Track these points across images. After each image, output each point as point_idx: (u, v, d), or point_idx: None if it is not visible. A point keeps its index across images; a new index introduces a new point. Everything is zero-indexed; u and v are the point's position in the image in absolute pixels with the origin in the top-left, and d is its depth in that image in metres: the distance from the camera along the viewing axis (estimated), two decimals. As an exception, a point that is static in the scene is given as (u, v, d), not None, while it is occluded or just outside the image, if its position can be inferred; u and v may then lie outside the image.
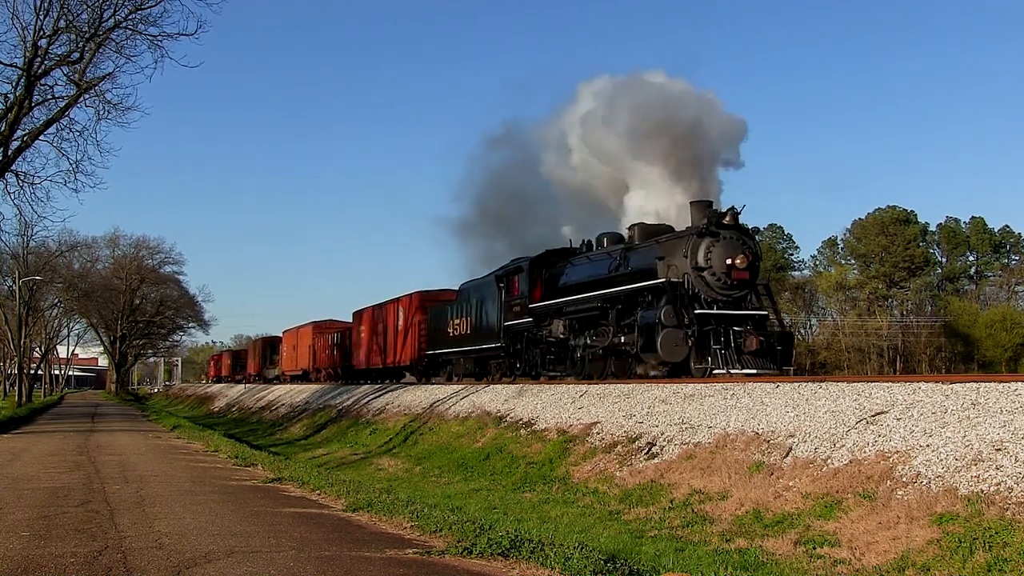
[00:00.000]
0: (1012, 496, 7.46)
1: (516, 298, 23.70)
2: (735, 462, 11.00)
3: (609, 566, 6.46)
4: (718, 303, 17.29)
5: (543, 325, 22.39)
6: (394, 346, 34.99)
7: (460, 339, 27.61)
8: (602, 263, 20.33)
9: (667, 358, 16.64)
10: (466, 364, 27.70)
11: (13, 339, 49.85)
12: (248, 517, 9.20)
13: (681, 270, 17.30)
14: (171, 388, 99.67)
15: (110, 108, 23.77)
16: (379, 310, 37.52)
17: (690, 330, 16.63)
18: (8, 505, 9.97)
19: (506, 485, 14.18)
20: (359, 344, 40.38)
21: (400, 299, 34.87)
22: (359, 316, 40.72)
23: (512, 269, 24.30)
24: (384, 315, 36.53)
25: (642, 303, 18.21)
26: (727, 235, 17.51)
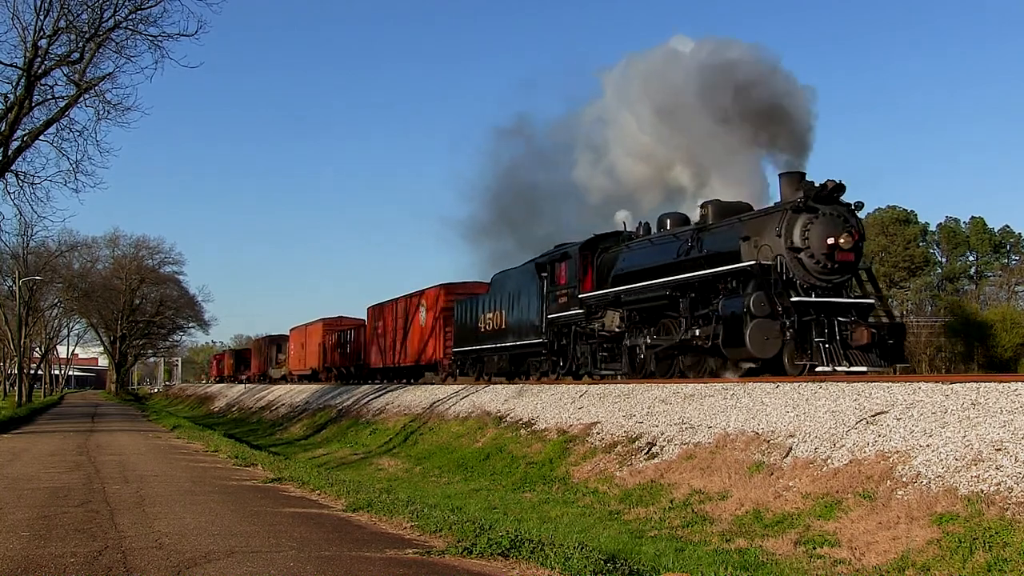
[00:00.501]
0: (1012, 496, 7.46)
1: (562, 288, 21.32)
2: (735, 462, 11.00)
3: (609, 566, 6.46)
4: (816, 289, 15.05)
5: (595, 318, 19.91)
6: (416, 343, 32.69)
7: (493, 334, 25.16)
8: (668, 246, 17.95)
9: (757, 353, 14.47)
10: (499, 362, 25.29)
11: (13, 339, 49.86)
12: (248, 517, 9.20)
13: (773, 251, 15.06)
14: (171, 388, 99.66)
15: (110, 108, 23.83)
16: (398, 305, 35.26)
17: (788, 320, 14.48)
18: (8, 505, 9.97)
19: (506, 485, 14.18)
20: (375, 341, 38.29)
21: (423, 292, 32.57)
22: (375, 312, 38.61)
23: (557, 256, 21.91)
24: (404, 310, 34.33)
25: (723, 290, 15.87)
26: (828, 211, 15.17)
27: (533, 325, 22.69)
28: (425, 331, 31.74)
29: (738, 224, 16.29)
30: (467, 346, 27.32)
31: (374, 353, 38.16)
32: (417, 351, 32.42)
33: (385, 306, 37.15)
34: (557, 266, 21.85)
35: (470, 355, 27.34)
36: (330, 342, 46.70)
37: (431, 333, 31.08)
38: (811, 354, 14.42)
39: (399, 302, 35.04)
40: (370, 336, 39.31)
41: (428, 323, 31.48)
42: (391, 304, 36.12)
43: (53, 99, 23.93)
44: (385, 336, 36.74)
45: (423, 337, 31.93)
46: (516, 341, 23.71)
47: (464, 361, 28.02)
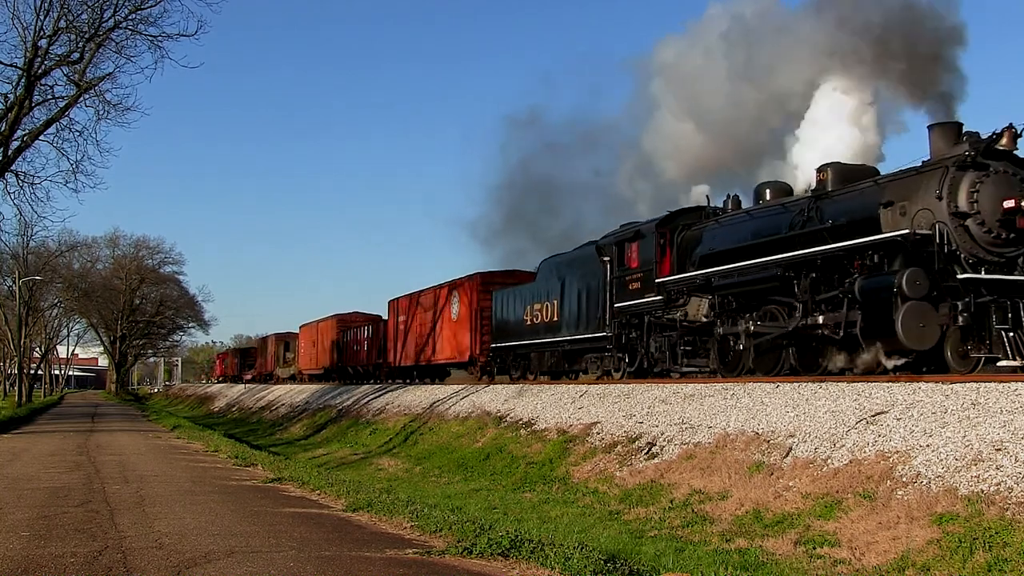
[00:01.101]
0: (1012, 496, 7.46)
1: (633, 272, 18.52)
2: (735, 462, 11.00)
3: (609, 566, 6.46)
4: (985, 265, 12.21)
5: (676, 305, 17.24)
6: (448, 339, 29.65)
7: (541, 328, 22.38)
8: (775, 219, 15.31)
9: (912, 344, 11.80)
10: (550, 359, 22.61)
11: (13, 339, 49.85)
12: (248, 517, 9.20)
13: (931, 218, 12.32)
14: (171, 388, 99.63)
15: (110, 108, 23.83)
16: (426, 297, 32.19)
17: (958, 303, 11.83)
18: (8, 505, 9.97)
19: (506, 485, 14.18)
20: (398, 337, 35.10)
21: (455, 283, 29.40)
22: (398, 305, 35.60)
23: (627, 235, 19.11)
24: (433, 302, 31.20)
25: (859, 268, 13.15)
26: (1000, 167, 12.38)
27: (593, 316, 19.92)
28: (458, 325, 28.69)
29: (875, 188, 13.60)
30: (508, 341, 24.53)
31: (397, 350, 35.21)
32: (449, 347, 29.52)
33: (411, 299, 34.01)
34: (627, 247, 18.92)
35: (512, 351, 24.52)
36: (345, 339, 43.48)
37: (465, 327, 28.04)
38: (990, 345, 11.88)
39: (427, 294, 32.06)
40: (392, 332, 36.15)
41: (462, 316, 28.38)
42: (417, 296, 33.13)
43: (53, 99, 23.95)
44: (410, 332, 33.69)
45: (456, 332, 28.97)
46: (571, 335, 20.91)
47: (504, 358, 25.25)
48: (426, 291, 32.32)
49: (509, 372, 25.32)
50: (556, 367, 22.60)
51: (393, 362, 35.80)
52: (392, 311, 36.40)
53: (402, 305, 35.03)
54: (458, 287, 29.04)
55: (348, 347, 42.80)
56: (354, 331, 42.25)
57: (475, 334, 27.30)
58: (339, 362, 44.05)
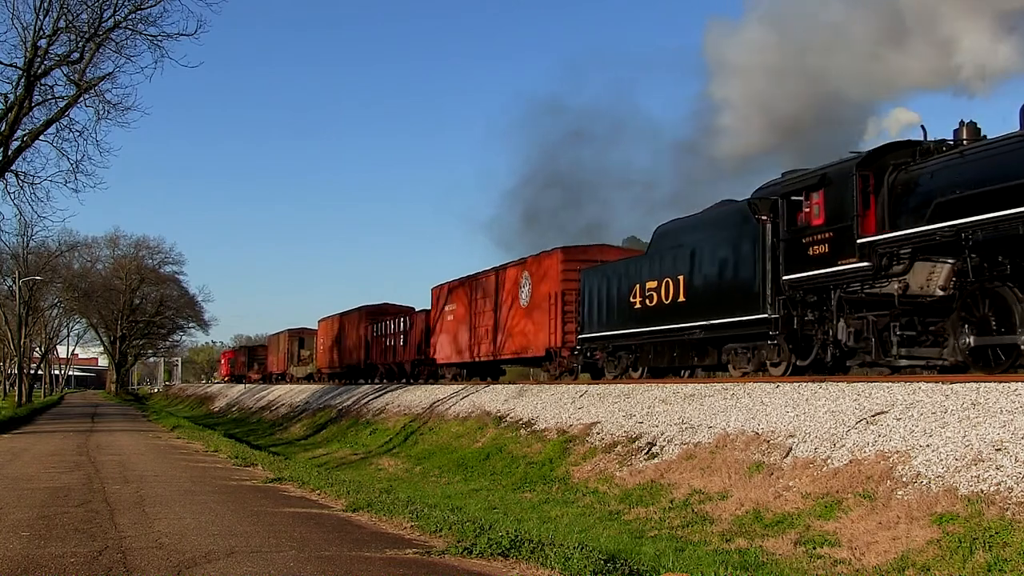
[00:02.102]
0: (1012, 496, 7.46)
1: (816, 231, 13.97)
2: (735, 462, 11.00)
3: (609, 566, 6.46)
4: None
5: (890, 274, 12.99)
6: (517, 329, 24.82)
7: (659, 312, 17.56)
8: None
9: None
10: (672, 351, 17.71)
11: (13, 339, 49.85)
12: (248, 517, 9.20)
13: None
14: (171, 388, 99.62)
15: (110, 108, 23.86)
16: (484, 281, 27.50)
17: None
18: (8, 505, 9.97)
19: (506, 485, 14.19)
20: (445, 331, 30.48)
21: (527, 262, 24.95)
22: (445, 293, 30.97)
23: (803, 182, 14.39)
24: (495, 287, 26.36)
25: None
26: None
27: (743, 294, 15.17)
28: (530, 313, 24.02)
29: None
30: (606, 330, 19.86)
31: (444, 345, 30.46)
32: (517, 340, 24.70)
33: (463, 284, 29.17)
34: (808, 197, 14.28)
35: (610, 343, 19.89)
36: (375, 333, 38.36)
37: (541, 315, 23.33)
38: None
39: (486, 278, 27.38)
40: (438, 324, 31.30)
41: (536, 302, 23.65)
42: (472, 281, 28.33)
43: (53, 99, 23.98)
44: (461, 323, 28.94)
45: (526, 321, 24.21)
46: (706, 319, 16.16)
47: (601, 351, 20.54)
48: (484, 274, 27.62)
49: (602, 368, 20.57)
50: (678, 362, 17.72)
51: (438, 358, 31.15)
52: (436, 300, 31.79)
53: (450, 292, 30.37)
54: (530, 267, 24.40)
55: (378, 343, 37.96)
56: (386, 324, 37.23)
57: (555, 323, 22.48)
58: (367, 359, 39.29)
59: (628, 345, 19.31)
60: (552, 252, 23.66)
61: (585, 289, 21.04)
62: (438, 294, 31.78)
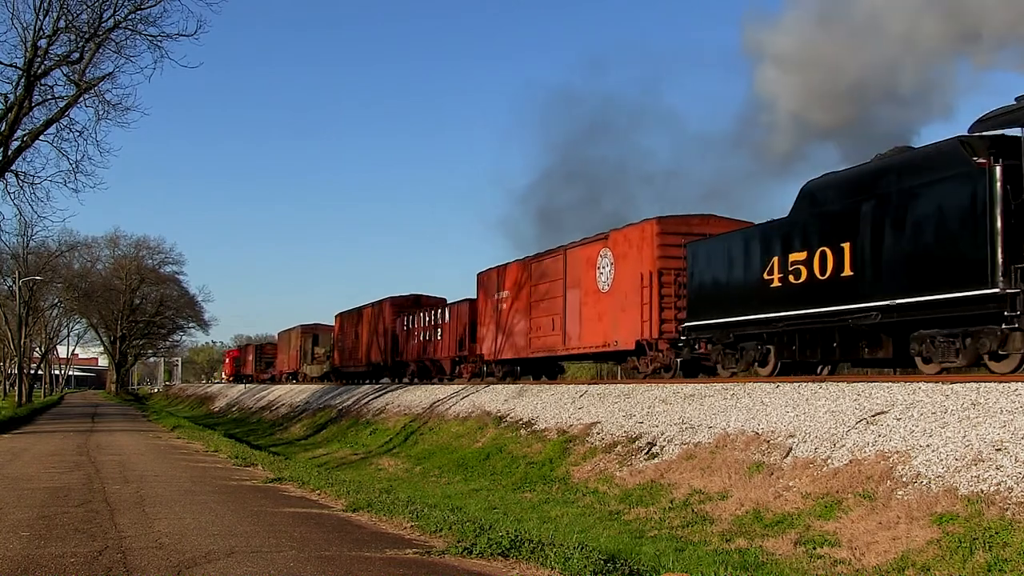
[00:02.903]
0: (1012, 496, 7.46)
1: None
2: (735, 462, 11.00)
3: (609, 566, 6.46)
4: None
5: None
6: (593, 319, 20.82)
7: (809, 292, 13.89)
8: None
9: None
10: (827, 342, 13.81)
11: (13, 339, 49.87)
12: (248, 517, 9.20)
13: None
14: (171, 388, 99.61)
15: (110, 108, 23.88)
16: (546, 263, 23.29)
17: None
18: (8, 505, 9.97)
19: (506, 485, 14.19)
20: (495, 322, 26.19)
21: (607, 237, 20.51)
22: (495, 280, 26.49)
23: None
24: (562, 270, 22.34)
25: None
26: None
27: (954, 263, 11.37)
28: (613, 298, 19.98)
29: None
30: (725, 316, 15.99)
31: (496, 339, 26.13)
32: (595, 331, 20.74)
33: (520, 268, 24.90)
34: None
35: (734, 331, 15.80)
36: (405, 327, 34.26)
37: (629, 300, 19.25)
38: None
39: (550, 259, 23.16)
40: (486, 315, 26.94)
41: (621, 285, 19.65)
42: (531, 264, 24.09)
43: (53, 99, 24.00)
44: (518, 313, 24.71)
45: (607, 308, 20.18)
46: (892, 298, 12.31)
47: (716, 342, 16.49)
48: (547, 255, 23.47)
49: (718, 362, 16.44)
50: (839, 354, 13.86)
51: (486, 353, 26.91)
52: (484, 287, 27.29)
53: (501, 278, 26.09)
54: (613, 243, 20.17)
55: (409, 337, 33.68)
56: (419, 317, 32.91)
57: (649, 309, 18.51)
58: (395, 356, 35.11)
59: (758, 334, 15.21)
60: (643, 223, 19.20)
61: (694, 267, 17.17)
62: (486, 280, 27.08)
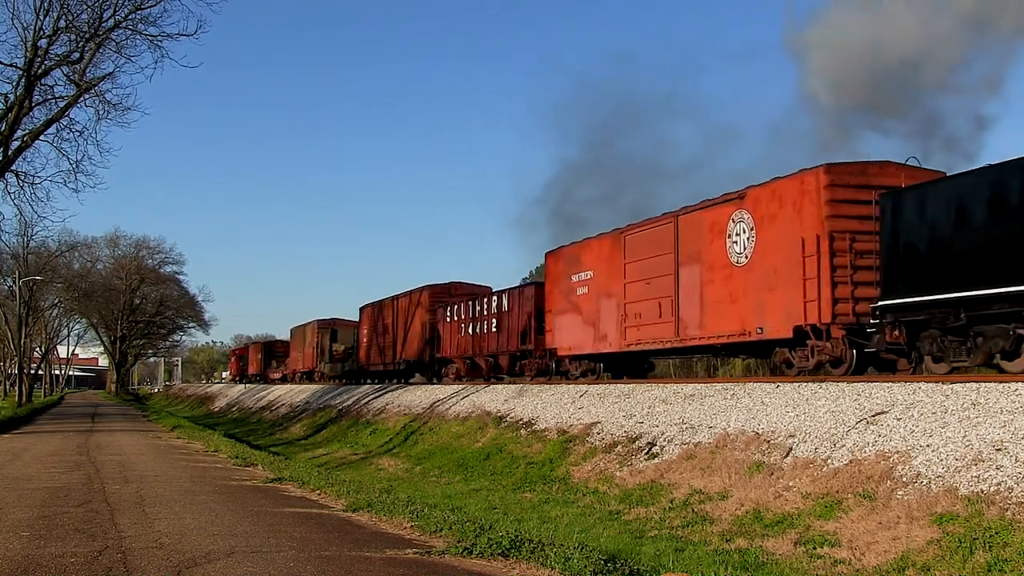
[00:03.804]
0: (1012, 496, 7.46)
1: None
2: (735, 462, 11.00)
3: (609, 566, 6.46)
4: None
5: None
6: (724, 301, 16.20)
7: None
8: None
9: None
10: None
11: (13, 339, 49.86)
12: (248, 517, 9.20)
13: None
14: (171, 388, 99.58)
15: (110, 108, 23.88)
16: (646, 235, 18.69)
17: None
18: (8, 505, 9.97)
19: (506, 485, 14.19)
20: (572, 310, 21.74)
21: (744, 197, 15.79)
22: (569, 261, 22.18)
23: None
24: (670, 241, 17.71)
25: None
26: None
27: None
28: (759, 273, 15.37)
29: None
30: (958, 290, 11.72)
31: (571, 330, 21.81)
32: (731, 316, 16.03)
33: (607, 243, 20.47)
34: None
35: (971, 311, 11.59)
36: (447, 318, 30.08)
37: (785, 274, 14.72)
38: None
39: (653, 228, 18.49)
40: (559, 301, 22.49)
41: (769, 255, 15.15)
42: (624, 237, 19.66)
43: (53, 99, 24.00)
44: (605, 298, 20.25)
45: (749, 287, 15.61)
46: None
47: (933, 325, 12.27)
48: (648, 225, 18.77)
49: (929, 353, 12.47)
50: None
51: (560, 348, 22.47)
52: (555, 270, 22.85)
53: (580, 256, 21.63)
54: (754, 203, 15.57)
55: (453, 330, 29.56)
56: (465, 307, 28.76)
57: (816, 286, 14.04)
58: (434, 352, 31.17)
59: (1013, 313, 11.10)
60: (803, 174, 14.52)
61: (896, 225, 12.99)
62: (559, 260, 22.69)
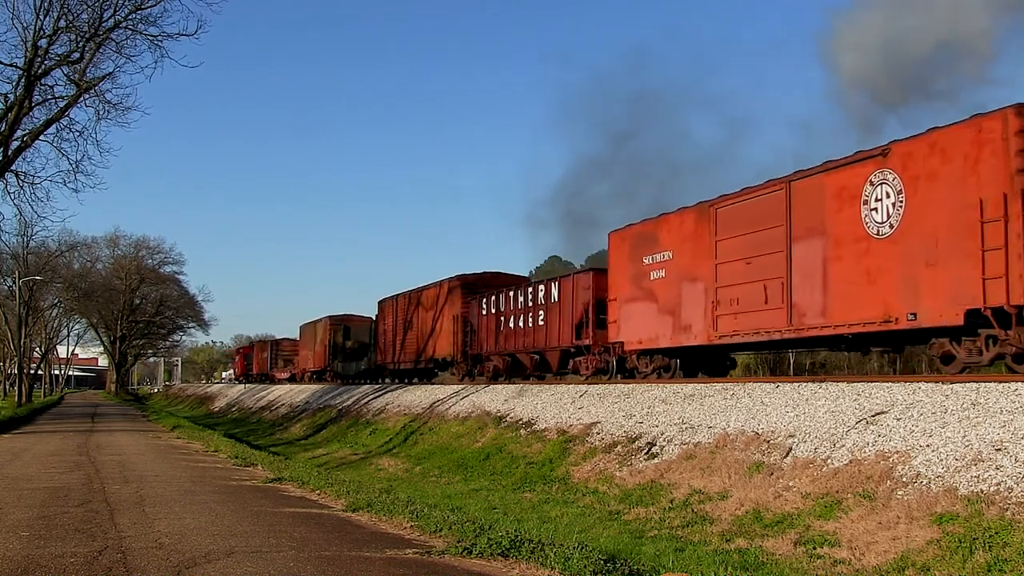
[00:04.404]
0: (1012, 496, 7.46)
1: None
2: (735, 462, 11.00)
3: (609, 566, 6.46)
4: None
5: None
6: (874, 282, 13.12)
7: None
8: None
9: None
10: None
11: (13, 339, 49.85)
12: (248, 517, 9.19)
13: None
14: (171, 388, 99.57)
15: (110, 108, 23.88)
16: (759, 203, 15.64)
17: None
18: (8, 505, 9.97)
19: (506, 485, 14.19)
20: (644, 298, 18.66)
21: (887, 153, 13.13)
22: (636, 241, 19.15)
23: None
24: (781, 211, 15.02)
25: None
26: None
27: None
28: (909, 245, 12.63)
29: None
30: None
31: (646, 321, 18.59)
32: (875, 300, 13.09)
33: (695, 215, 17.35)
34: None
35: None
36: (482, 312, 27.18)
37: (953, 245, 11.91)
38: None
39: (760, 196, 15.68)
40: (626, 287, 19.39)
41: (925, 222, 12.36)
42: (717, 208, 16.71)
43: (53, 99, 24.00)
44: (688, 282, 17.34)
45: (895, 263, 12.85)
46: None
47: None
48: (749, 193, 15.98)
49: None
50: None
51: (632, 342, 19.17)
52: (621, 252, 19.77)
53: (656, 234, 18.54)
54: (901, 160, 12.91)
55: (491, 324, 26.66)
56: (505, 298, 25.77)
57: (1003, 258, 11.21)
58: (467, 348, 28.29)
59: None
60: (977, 119, 11.74)
61: None
62: (622, 243, 19.74)
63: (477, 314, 27.70)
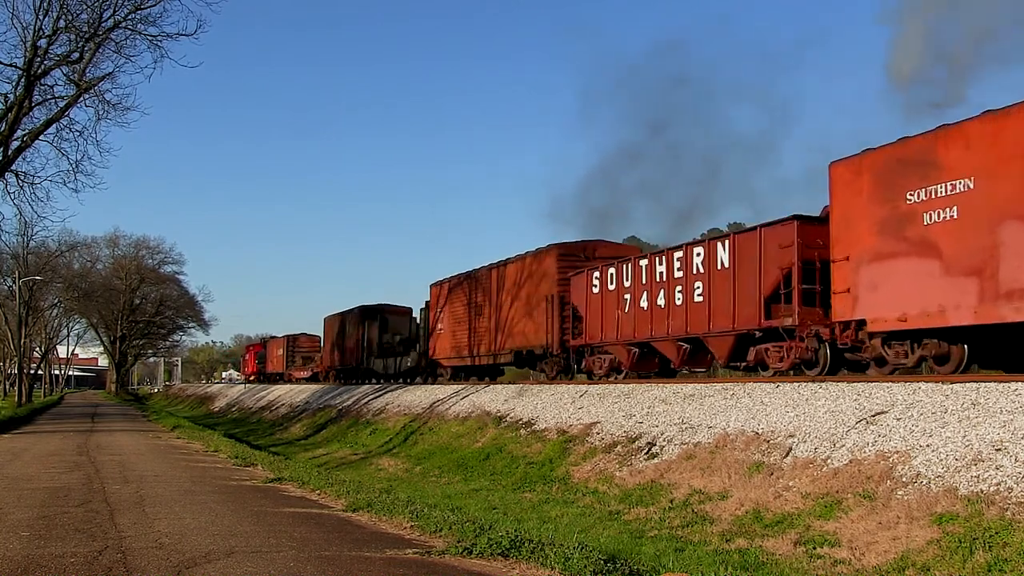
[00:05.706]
0: (1012, 496, 7.46)
1: None
2: (735, 462, 11.00)
3: (609, 566, 6.46)
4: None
5: None
6: None
7: None
8: None
9: None
10: None
11: (13, 339, 49.85)
12: (248, 517, 9.19)
13: None
14: (171, 388, 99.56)
15: (110, 108, 23.89)
16: None
17: None
18: (8, 505, 9.97)
19: (506, 485, 14.18)
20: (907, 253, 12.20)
21: None
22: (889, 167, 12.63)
23: None
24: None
25: None
26: None
27: None
28: None
29: None
30: None
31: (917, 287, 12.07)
32: None
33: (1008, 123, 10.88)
34: None
35: None
36: (593, 290, 21.08)
37: None
38: None
39: None
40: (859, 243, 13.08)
41: None
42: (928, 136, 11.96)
43: (53, 99, 24.01)
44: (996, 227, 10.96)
45: None
46: None
47: None
48: None
49: None
50: None
51: (888, 319, 12.59)
52: (856, 187, 13.34)
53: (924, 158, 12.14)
54: None
55: (604, 305, 20.57)
56: (629, 269, 19.64)
57: None
58: (566, 337, 22.58)
59: None
60: None
61: None
62: (859, 175, 13.33)
63: (580, 293, 21.62)
